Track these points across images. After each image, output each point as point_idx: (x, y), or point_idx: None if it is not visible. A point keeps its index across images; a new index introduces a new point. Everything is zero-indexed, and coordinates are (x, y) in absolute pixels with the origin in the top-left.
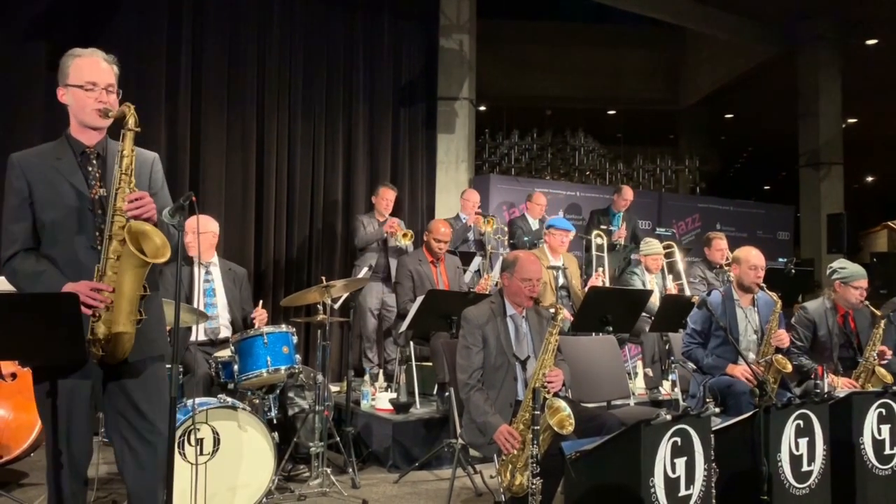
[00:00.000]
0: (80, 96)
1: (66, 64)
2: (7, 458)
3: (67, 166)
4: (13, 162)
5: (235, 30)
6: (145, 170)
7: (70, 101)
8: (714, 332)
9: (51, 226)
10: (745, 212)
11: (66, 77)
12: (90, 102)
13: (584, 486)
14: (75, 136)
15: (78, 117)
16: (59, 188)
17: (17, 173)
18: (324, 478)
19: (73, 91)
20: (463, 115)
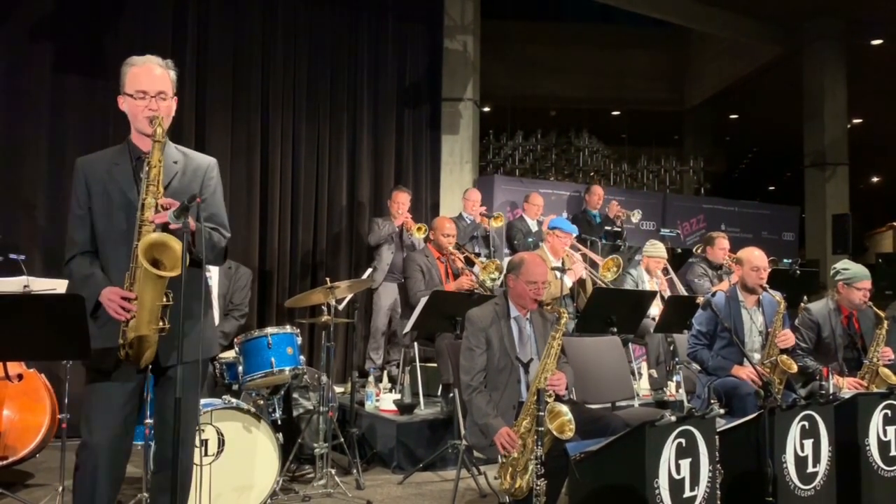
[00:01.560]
0: (133, 104)
1: (123, 73)
2: (13, 458)
3: (122, 172)
4: (77, 167)
5: (240, 32)
6: (199, 174)
7: (127, 108)
8: (719, 333)
9: (104, 232)
10: (749, 212)
11: (123, 86)
12: (141, 110)
13: (588, 487)
14: (134, 141)
15: (134, 125)
16: (112, 195)
17: (80, 180)
18: (328, 479)
19: (128, 100)
20: (467, 116)
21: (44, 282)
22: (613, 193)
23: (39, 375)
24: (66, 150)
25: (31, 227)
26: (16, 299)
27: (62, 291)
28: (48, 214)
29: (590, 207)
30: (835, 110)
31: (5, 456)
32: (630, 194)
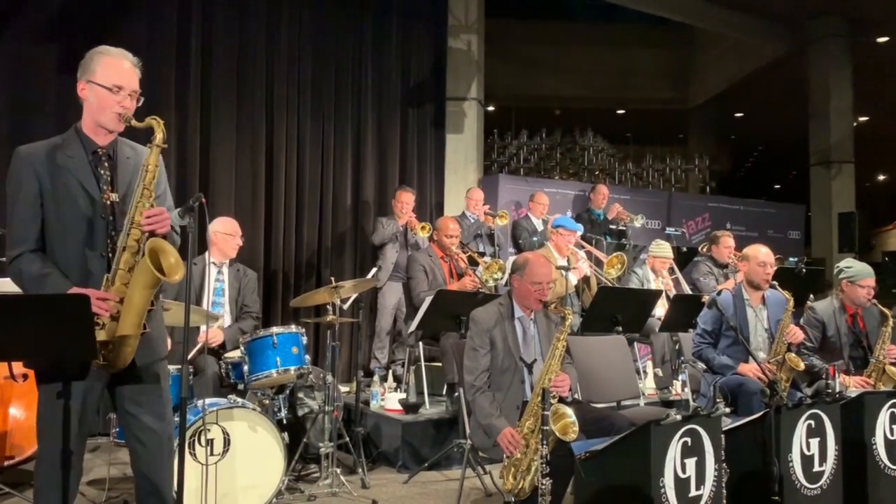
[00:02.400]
0: (104, 96)
1: (94, 60)
2: (19, 458)
3: (79, 166)
4: (21, 156)
5: (244, 32)
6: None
7: (91, 98)
8: (724, 331)
9: (60, 229)
10: (755, 211)
11: (93, 74)
12: (113, 105)
13: (593, 487)
14: (88, 133)
15: (96, 117)
16: (70, 189)
17: (28, 169)
18: (333, 478)
19: (97, 89)
20: (471, 116)
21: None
22: (618, 192)
23: None
24: None
25: None
26: (21, 299)
27: None
28: None
29: (594, 206)
30: (840, 108)
31: (12, 455)
32: (635, 193)
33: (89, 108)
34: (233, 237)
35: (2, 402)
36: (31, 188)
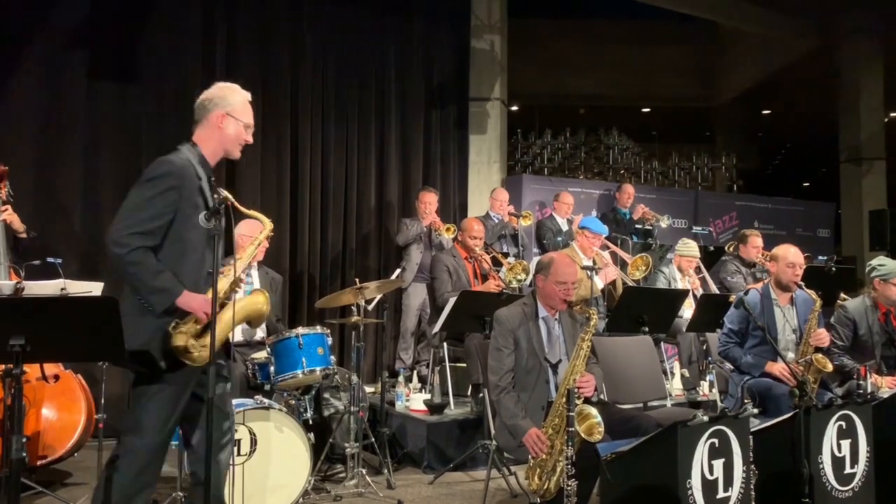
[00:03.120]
0: (241, 131)
1: (233, 96)
2: (52, 457)
3: (204, 189)
4: (174, 168)
5: (268, 36)
6: None
7: (230, 129)
8: (752, 331)
9: (185, 244)
10: (783, 209)
11: (234, 109)
12: (242, 139)
13: (620, 488)
14: (207, 157)
15: (226, 146)
16: (198, 212)
17: (175, 183)
18: (359, 478)
19: (234, 123)
20: (495, 116)
21: (80, 284)
22: (644, 191)
23: (76, 376)
24: (100, 156)
25: (67, 231)
26: (53, 302)
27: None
28: (83, 219)
29: (620, 206)
30: (871, 104)
31: (44, 455)
32: (661, 192)
33: (221, 137)
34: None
35: (34, 403)
36: (172, 198)
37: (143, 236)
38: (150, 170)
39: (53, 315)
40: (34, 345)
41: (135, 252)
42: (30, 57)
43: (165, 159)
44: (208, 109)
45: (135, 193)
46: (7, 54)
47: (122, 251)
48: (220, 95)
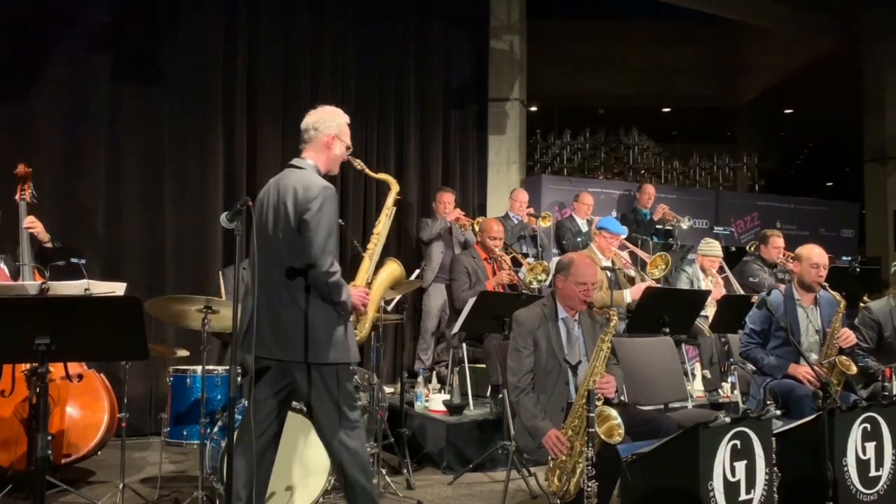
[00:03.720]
0: (343, 151)
1: (340, 119)
2: (76, 456)
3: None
4: (335, 193)
5: (289, 38)
6: None
7: (336, 150)
8: (774, 332)
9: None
10: (806, 209)
11: (342, 132)
12: (342, 158)
13: (640, 490)
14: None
15: (331, 164)
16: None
17: (336, 206)
18: (379, 478)
19: (340, 144)
20: (514, 116)
21: (103, 285)
22: (665, 191)
23: (98, 375)
24: (123, 158)
25: (90, 233)
26: (77, 301)
27: (121, 294)
28: (106, 220)
29: (640, 206)
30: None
31: (68, 453)
32: (682, 192)
33: (329, 156)
34: None
35: (59, 402)
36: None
37: (336, 258)
38: (325, 193)
39: (78, 315)
40: (59, 344)
41: (337, 275)
42: (55, 60)
43: (326, 183)
44: (319, 131)
45: (319, 218)
46: (33, 58)
47: (333, 276)
48: (328, 119)
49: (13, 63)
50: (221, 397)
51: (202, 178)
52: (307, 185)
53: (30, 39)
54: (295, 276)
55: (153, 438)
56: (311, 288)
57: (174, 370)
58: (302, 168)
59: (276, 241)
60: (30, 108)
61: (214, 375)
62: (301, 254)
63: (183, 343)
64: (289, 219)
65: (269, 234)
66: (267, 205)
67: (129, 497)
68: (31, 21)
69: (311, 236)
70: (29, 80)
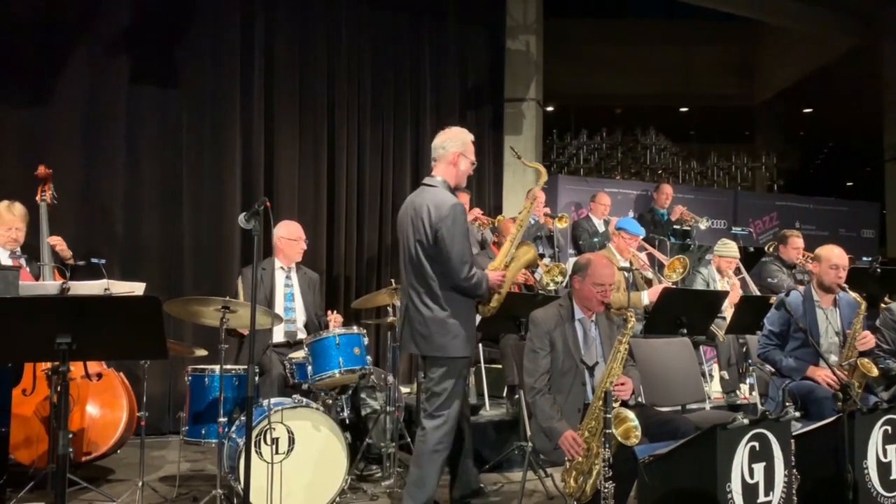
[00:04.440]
0: (468, 167)
1: (466, 138)
2: (95, 454)
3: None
4: (464, 208)
5: (305, 39)
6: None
7: (462, 166)
8: (793, 334)
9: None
10: (826, 209)
11: (466, 150)
12: (469, 172)
13: (658, 491)
14: (453, 186)
15: (458, 179)
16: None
17: (465, 218)
18: (395, 478)
19: (465, 161)
20: (530, 117)
21: (123, 285)
22: (682, 192)
23: (118, 374)
24: (142, 159)
25: (109, 233)
26: (98, 301)
27: (140, 294)
28: (125, 221)
29: (658, 206)
30: None
31: (88, 451)
32: (699, 192)
33: (456, 172)
34: (297, 242)
35: (78, 400)
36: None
37: (472, 265)
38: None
39: (99, 314)
40: (80, 343)
41: (475, 279)
42: (74, 63)
43: (455, 200)
44: (446, 150)
45: (453, 233)
46: (52, 60)
47: (470, 280)
48: (454, 138)
49: (33, 65)
50: (239, 396)
51: (219, 179)
52: (438, 203)
53: (50, 42)
54: (426, 282)
55: (171, 437)
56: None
57: (192, 369)
58: (433, 186)
59: (413, 251)
60: (50, 110)
61: (232, 375)
62: (439, 263)
63: (201, 342)
64: (426, 233)
65: (408, 245)
66: (406, 220)
67: (148, 495)
68: (50, 24)
69: (447, 249)
70: (49, 82)
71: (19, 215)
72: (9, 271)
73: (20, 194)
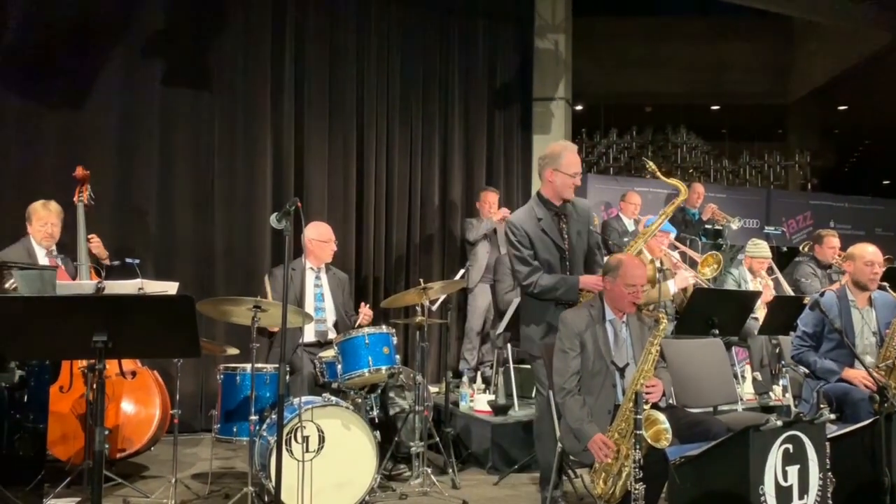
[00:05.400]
0: (568, 181)
1: (562, 156)
2: (130, 450)
3: (548, 223)
4: (516, 224)
5: (335, 40)
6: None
7: (557, 181)
8: (827, 335)
9: (545, 263)
10: (861, 208)
11: (560, 165)
12: (571, 184)
13: (689, 493)
14: (550, 199)
15: (559, 191)
16: (545, 241)
17: (522, 233)
18: (424, 477)
19: (562, 176)
20: (559, 116)
21: (156, 284)
22: (714, 191)
23: (151, 372)
24: (175, 160)
25: (143, 233)
26: (133, 300)
27: (173, 293)
28: (158, 221)
29: (689, 206)
30: None
31: (123, 448)
32: (731, 191)
33: (552, 187)
34: (328, 244)
35: (113, 398)
36: (525, 243)
37: (532, 270)
38: (504, 228)
39: (134, 313)
40: (116, 341)
41: (535, 285)
42: (109, 66)
43: (511, 218)
44: (542, 167)
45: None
46: (89, 64)
47: (529, 288)
48: (551, 155)
49: (70, 68)
50: (270, 395)
51: (251, 180)
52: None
53: (85, 45)
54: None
55: (204, 435)
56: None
57: (224, 368)
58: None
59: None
60: (87, 112)
61: (263, 373)
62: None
63: (233, 341)
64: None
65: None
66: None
67: (180, 492)
68: (86, 28)
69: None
70: (85, 84)
71: (55, 212)
72: (46, 271)
73: (58, 195)
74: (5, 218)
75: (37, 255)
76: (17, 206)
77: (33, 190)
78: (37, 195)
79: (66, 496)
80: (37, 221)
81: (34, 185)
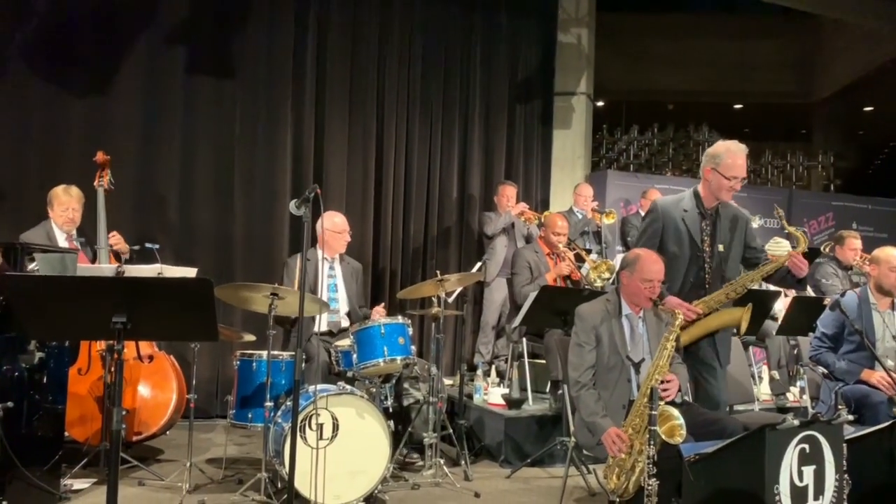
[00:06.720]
0: (722, 183)
1: (722, 155)
2: (146, 434)
3: (691, 219)
4: (658, 206)
5: (357, 33)
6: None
7: (713, 180)
8: (847, 336)
9: (672, 256)
10: (885, 210)
11: (719, 166)
12: (726, 188)
13: (703, 490)
14: (703, 197)
15: (714, 192)
16: (681, 232)
17: (658, 216)
18: (437, 468)
19: (717, 177)
20: (580, 111)
21: (175, 269)
22: None
23: (168, 357)
24: (196, 147)
25: (164, 219)
26: (153, 282)
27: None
28: (179, 207)
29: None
30: None
31: (139, 431)
32: (752, 190)
33: (708, 186)
34: (342, 234)
35: (131, 381)
36: (656, 229)
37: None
38: (642, 225)
39: (153, 295)
40: (135, 323)
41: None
42: (133, 53)
43: (655, 200)
44: (703, 164)
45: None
46: (112, 51)
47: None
48: (713, 153)
49: (94, 57)
50: (286, 382)
51: (271, 167)
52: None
53: (110, 33)
54: None
55: (219, 420)
56: None
57: (241, 354)
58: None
59: None
60: (110, 99)
61: (279, 360)
62: None
63: (249, 328)
64: None
65: None
66: None
67: (195, 476)
68: (111, 15)
69: None
70: (109, 71)
71: (76, 196)
72: (67, 254)
73: (81, 181)
74: (30, 203)
75: (57, 239)
76: (41, 193)
77: (57, 176)
78: (60, 181)
79: (82, 477)
80: (58, 206)
81: (58, 172)
